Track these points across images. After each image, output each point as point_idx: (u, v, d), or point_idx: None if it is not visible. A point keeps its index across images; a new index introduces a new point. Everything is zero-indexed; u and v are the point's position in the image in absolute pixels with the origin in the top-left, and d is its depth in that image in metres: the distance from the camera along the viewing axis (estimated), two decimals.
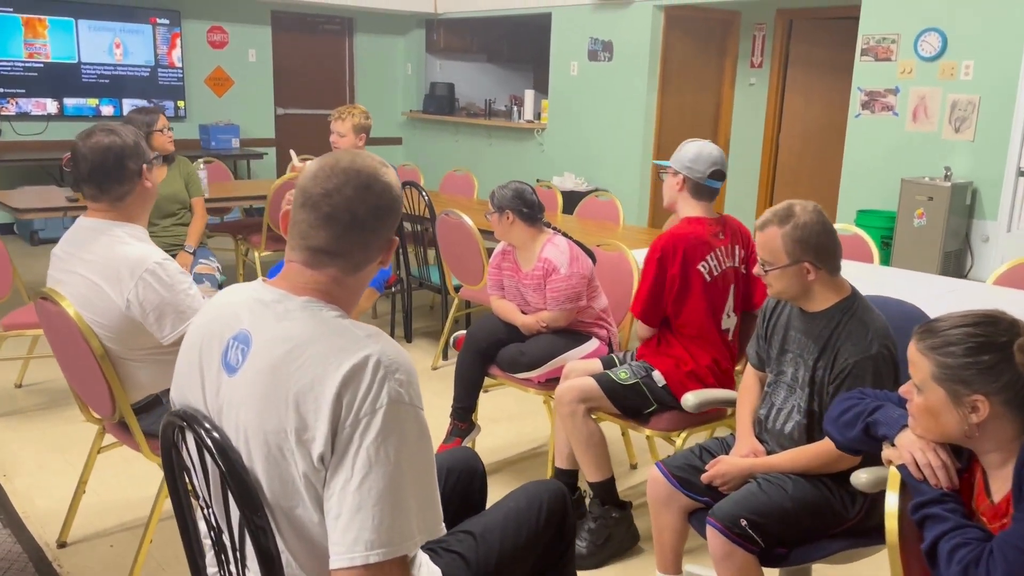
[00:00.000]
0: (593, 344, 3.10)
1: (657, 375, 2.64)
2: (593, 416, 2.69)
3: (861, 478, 1.90)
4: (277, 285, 1.38)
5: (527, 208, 3.11)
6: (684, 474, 2.21)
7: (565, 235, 3.16)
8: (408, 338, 4.94)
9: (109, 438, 2.67)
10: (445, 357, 4.61)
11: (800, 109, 7.62)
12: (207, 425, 1.35)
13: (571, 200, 6.17)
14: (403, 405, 1.25)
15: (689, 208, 2.74)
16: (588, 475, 2.72)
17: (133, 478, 3.13)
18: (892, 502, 1.44)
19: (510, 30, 9.81)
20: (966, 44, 5.31)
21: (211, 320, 1.42)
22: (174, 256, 4.16)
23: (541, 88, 9.00)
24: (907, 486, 1.49)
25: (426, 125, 9.44)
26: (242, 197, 5.39)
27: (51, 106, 7.47)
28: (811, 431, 2.10)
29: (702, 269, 2.64)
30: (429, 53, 9.64)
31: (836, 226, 2.28)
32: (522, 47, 10.16)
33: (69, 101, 7.55)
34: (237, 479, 1.30)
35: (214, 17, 8.28)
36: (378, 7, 8.67)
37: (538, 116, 8.36)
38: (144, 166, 2.38)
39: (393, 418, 1.23)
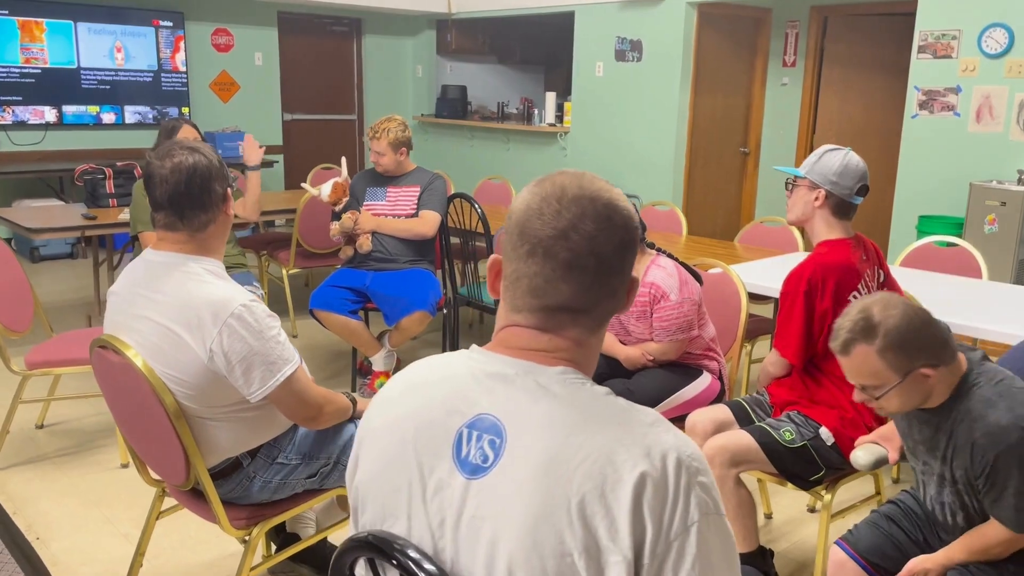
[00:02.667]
0: (706, 380, 2.77)
1: (825, 433, 2.28)
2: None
3: None
4: (505, 354, 1.06)
5: None
6: (878, 559, 1.87)
7: (670, 256, 2.82)
8: None
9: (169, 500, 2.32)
10: None
11: (836, 110, 7.33)
12: (414, 554, 1.00)
13: None
14: (711, 516, 0.96)
15: (828, 228, 2.39)
16: None
17: (187, 540, 2.75)
18: None
19: (523, 30, 9.46)
20: None
21: (423, 404, 1.06)
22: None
23: (554, 89, 8.66)
24: None
25: (438, 129, 9.07)
26: (269, 211, 5.00)
27: (49, 114, 7.04)
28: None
29: (853, 300, 2.29)
30: (439, 55, 9.28)
31: None
32: (535, 47, 9.83)
33: (68, 109, 7.12)
34: None
35: (219, 19, 7.88)
36: (388, 7, 8.30)
37: (559, 119, 8.01)
38: (228, 190, 2.02)
39: (707, 536, 0.95)
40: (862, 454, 2.09)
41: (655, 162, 7.14)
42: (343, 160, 4.09)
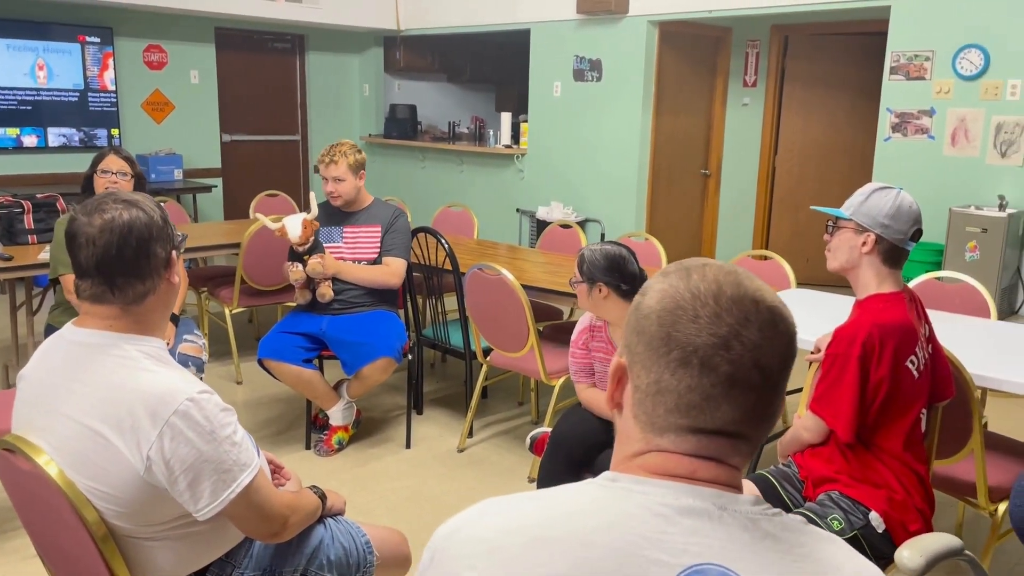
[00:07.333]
0: None
1: (875, 518, 1.98)
2: None
3: None
4: (679, 482, 0.87)
5: (626, 284, 2.46)
6: None
7: None
8: (419, 409, 4.20)
9: None
10: (471, 435, 3.90)
11: (799, 130, 7.18)
12: None
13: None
14: None
15: (878, 280, 2.09)
16: None
17: None
18: None
19: (473, 47, 9.15)
20: (1013, 62, 4.89)
21: (582, 557, 0.82)
22: None
23: (506, 108, 8.36)
24: None
25: (387, 151, 8.69)
26: (212, 246, 4.55)
27: None
28: None
29: (911, 365, 2.00)
30: (387, 72, 8.91)
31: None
32: (485, 66, 9.52)
33: None
34: None
35: (151, 35, 7.38)
36: (333, 23, 7.90)
37: (515, 139, 7.70)
38: (173, 252, 1.63)
39: None
40: (913, 556, 1.74)
41: (617, 186, 6.87)
42: (312, 196, 3.67)
